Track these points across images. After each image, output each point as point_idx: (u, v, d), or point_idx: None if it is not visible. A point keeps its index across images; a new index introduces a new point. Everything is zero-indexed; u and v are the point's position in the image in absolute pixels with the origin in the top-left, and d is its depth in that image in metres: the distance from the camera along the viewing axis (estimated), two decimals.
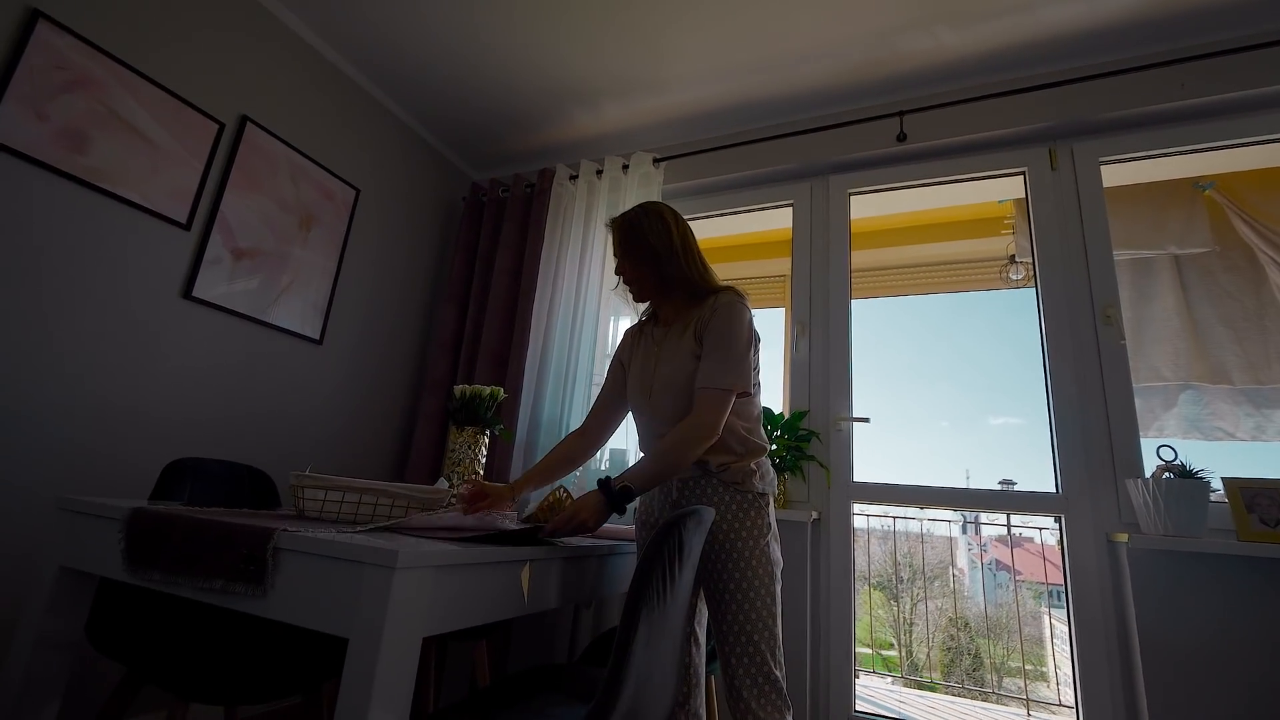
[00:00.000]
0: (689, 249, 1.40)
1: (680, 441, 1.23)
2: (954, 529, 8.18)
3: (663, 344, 1.41)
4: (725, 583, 1.24)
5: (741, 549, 1.25)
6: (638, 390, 1.43)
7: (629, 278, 1.42)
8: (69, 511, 1.12)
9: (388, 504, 1.22)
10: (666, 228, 1.39)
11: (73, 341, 1.69)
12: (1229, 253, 2.17)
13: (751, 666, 1.19)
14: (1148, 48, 2.05)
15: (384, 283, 2.70)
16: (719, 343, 1.29)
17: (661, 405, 1.36)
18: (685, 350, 1.34)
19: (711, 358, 1.28)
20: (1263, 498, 1.57)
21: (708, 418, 1.23)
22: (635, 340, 1.52)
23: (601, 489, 1.19)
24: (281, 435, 2.23)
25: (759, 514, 1.28)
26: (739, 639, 1.20)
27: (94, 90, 1.73)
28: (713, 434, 1.23)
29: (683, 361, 1.33)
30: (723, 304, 1.33)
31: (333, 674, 1.31)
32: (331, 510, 1.18)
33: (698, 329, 1.33)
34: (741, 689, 1.18)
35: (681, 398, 1.32)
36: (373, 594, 0.80)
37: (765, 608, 1.22)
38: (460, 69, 2.47)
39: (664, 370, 1.36)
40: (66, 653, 1.12)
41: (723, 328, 1.29)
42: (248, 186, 2.12)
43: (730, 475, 1.30)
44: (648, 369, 1.42)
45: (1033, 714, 2.91)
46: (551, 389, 2.49)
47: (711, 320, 1.31)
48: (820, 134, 2.44)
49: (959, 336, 19.02)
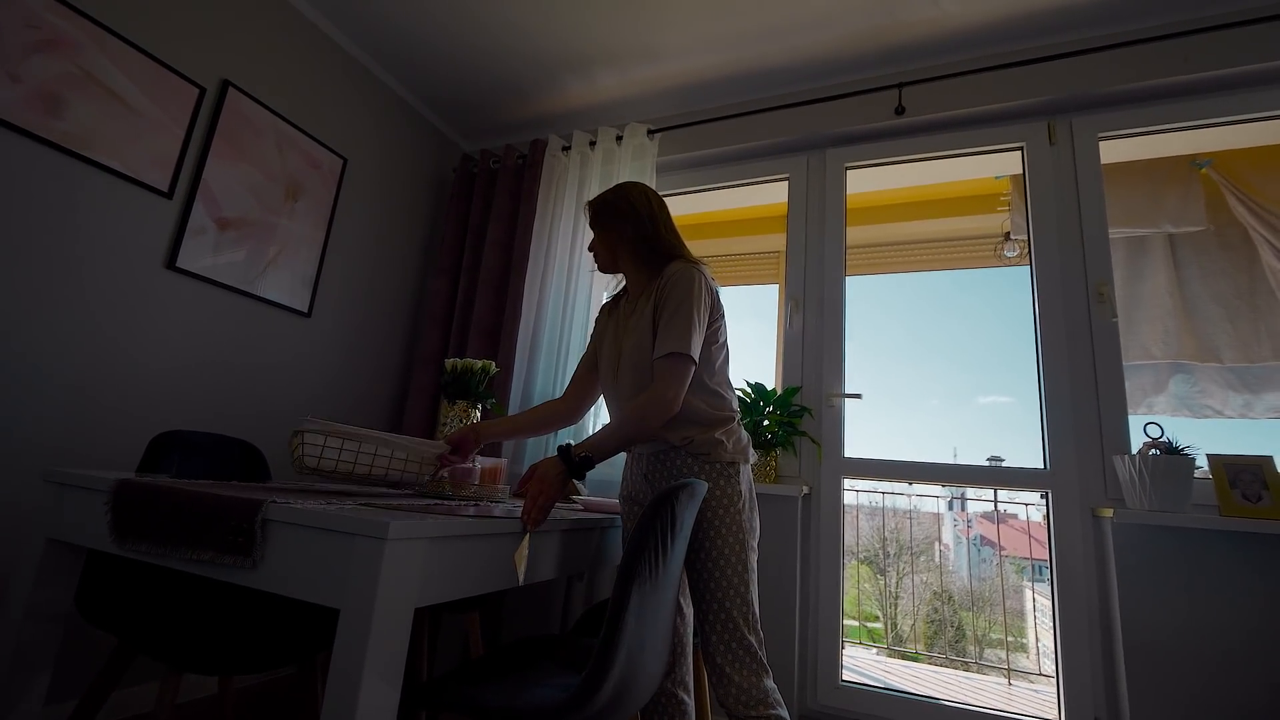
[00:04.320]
0: (655, 217, 1.41)
1: (638, 413, 1.23)
2: (941, 505, 8.31)
3: (627, 319, 1.41)
4: (697, 551, 1.25)
5: (711, 518, 1.26)
6: (606, 369, 1.44)
7: (597, 246, 1.46)
8: (55, 484, 1.11)
9: (386, 455, 1.21)
10: (633, 198, 1.42)
11: (54, 313, 1.66)
12: (1223, 231, 2.16)
13: (725, 633, 1.20)
14: (1151, 20, 2.02)
15: (373, 255, 2.66)
16: (671, 312, 1.28)
17: (625, 383, 1.36)
18: (645, 324, 1.34)
19: (666, 327, 1.27)
20: (1246, 474, 1.60)
21: (664, 390, 1.23)
22: (607, 318, 1.53)
23: (561, 457, 1.20)
24: (270, 408, 2.22)
25: (729, 482, 1.28)
26: (712, 606, 1.22)
27: (68, 51, 1.67)
28: (671, 406, 1.23)
29: (641, 336, 1.33)
30: (672, 272, 1.32)
31: (327, 644, 1.32)
32: (329, 463, 1.17)
33: (656, 301, 1.33)
34: (715, 654, 1.20)
35: (642, 373, 1.32)
36: (364, 565, 0.79)
37: (737, 575, 1.22)
38: (450, 35, 2.40)
39: (626, 345, 1.37)
40: (56, 624, 1.12)
41: (672, 295, 1.29)
42: (232, 154, 2.06)
43: (696, 447, 1.29)
44: (615, 346, 1.43)
45: (1013, 683, 2.99)
46: (544, 363, 2.48)
47: (664, 290, 1.31)
48: (817, 106, 2.40)
49: (953, 314, 19.04)
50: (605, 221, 1.42)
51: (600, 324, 1.55)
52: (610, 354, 1.43)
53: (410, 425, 2.56)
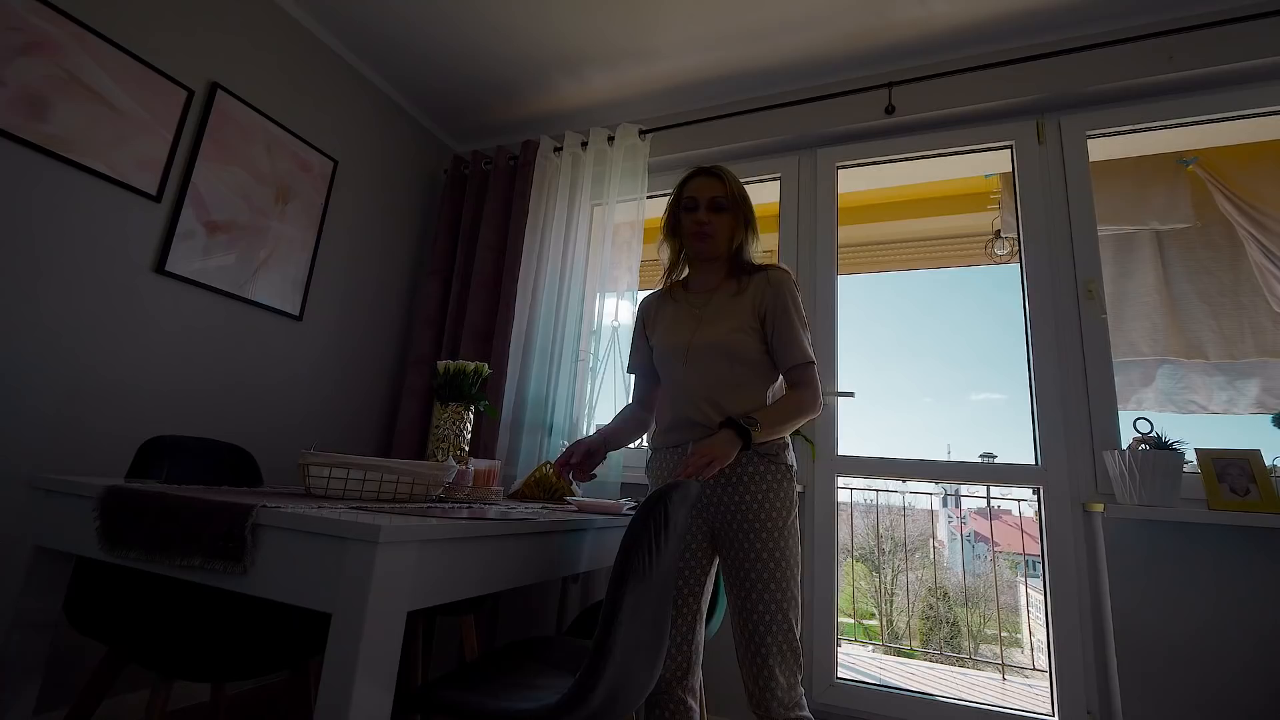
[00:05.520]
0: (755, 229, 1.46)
1: (799, 408, 1.30)
2: (935, 502, 8.35)
3: (704, 309, 1.42)
4: (760, 553, 1.25)
5: (777, 520, 1.27)
6: (670, 352, 1.42)
7: (715, 227, 1.40)
8: (43, 490, 1.10)
9: (393, 481, 1.21)
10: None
11: (41, 318, 1.64)
12: (1209, 228, 2.18)
13: (780, 636, 1.21)
14: (1136, 19, 2.04)
15: (365, 257, 2.64)
16: (793, 319, 1.34)
17: (701, 367, 1.37)
18: (737, 321, 1.36)
19: (793, 336, 1.34)
20: (1233, 468, 1.61)
21: (817, 394, 1.33)
22: (658, 306, 1.53)
23: (739, 433, 1.21)
24: (262, 412, 2.20)
25: (790, 486, 1.31)
26: (770, 609, 1.22)
27: (53, 54, 1.65)
28: (819, 407, 1.33)
29: (731, 331, 1.35)
30: (778, 278, 1.38)
31: (319, 650, 1.31)
32: (337, 488, 1.16)
33: (759, 305, 1.36)
34: (769, 657, 1.20)
35: (723, 363, 1.35)
36: (356, 569, 0.79)
37: (794, 579, 1.25)
38: (441, 36, 2.39)
39: (708, 334, 1.37)
40: (45, 633, 1.11)
41: (788, 302, 1.35)
42: (220, 157, 2.05)
43: (768, 448, 1.31)
44: (681, 332, 1.42)
45: (1007, 678, 3.01)
46: (537, 365, 2.48)
47: (769, 293, 1.36)
48: (808, 105, 2.41)
49: (944, 312, 19.11)
50: (739, 209, 1.42)
51: (648, 314, 1.55)
52: (677, 341, 1.41)
53: (403, 428, 2.55)
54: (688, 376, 1.38)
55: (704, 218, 1.39)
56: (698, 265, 1.48)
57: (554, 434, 2.39)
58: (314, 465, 1.16)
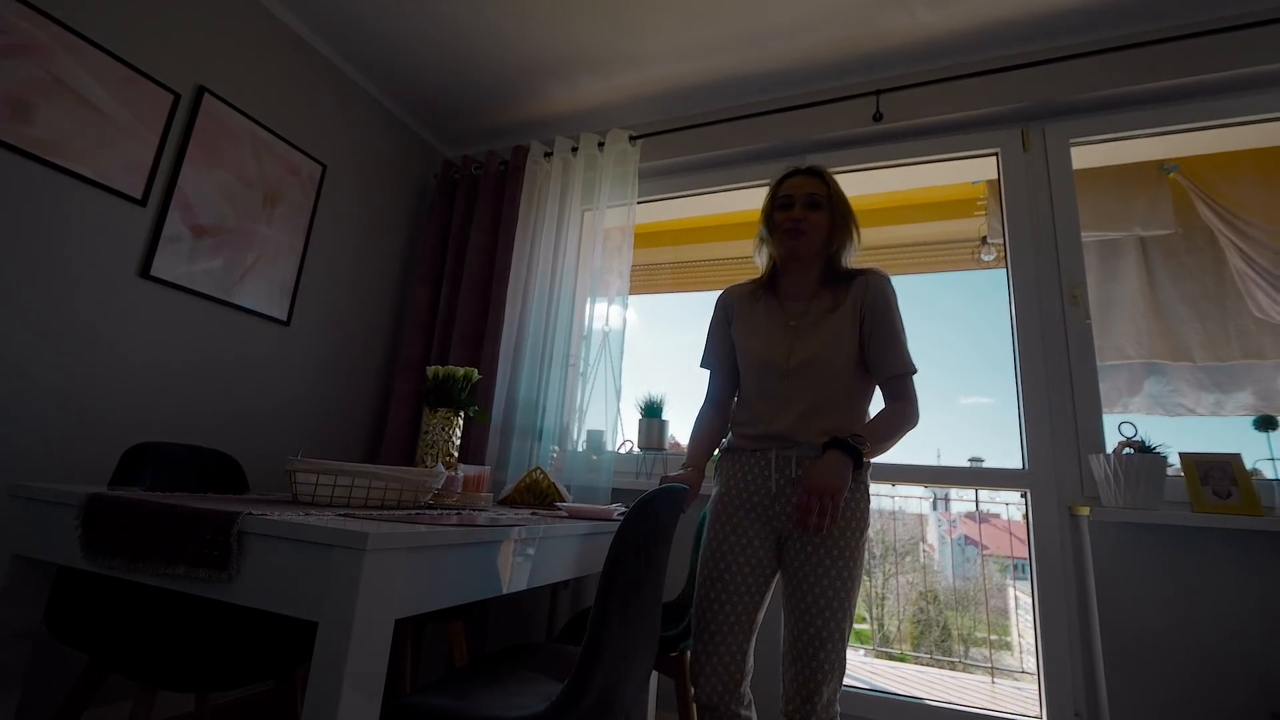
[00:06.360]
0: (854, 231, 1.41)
1: (902, 422, 1.27)
2: (925, 506, 8.39)
3: (801, 319, 1.37)
4: (829, 569, 1.21)
5: (850, 539, 1.23)
6: (764, 364, 1.36)
7: (810, 224, 1.35)
8: (22, 499, 1.08)
9: (381, 487, 1.20)
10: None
11: (24, 322, 1.62)
12: (1191, 234, 2.22)
13: (834, 653, 1.19)
14: (1119, 29, 2.07)
15: (353, 262, 2.63)
16: (895, 328, 1.31)
17: (802, 382, 1.32)
18: (839, 329, 1.32)
19: (895, 345, 1.31)
20: (1216, 471, 1.63)
21: (916, 406, 1.30)
22: (747, 304, 1.47)
23: (848, 453, 1.17)
24: (249, 419, 2.18)
25: (866, 505, 1.27)
26: (828, 625, 1.19)
27: (36, 56, 1.64)
28: (918, 420, 1.30)
29: (833, 338, 1.31)
30: (879, 284, 1.34)
31: (305, 658, 1.30)
32: (324, 495, 1.16)
33: (860, 305, 1.33)
34: (819, 670, 1.18)
35: (827, 372, 1.30)
36: (342, 577, 0.78)
37: (856, 596, 1.22)
38: (431, 41, 2.39)
39: (808, 346, 1.32)
40: (24, 643, 1.09)
41: (890, 309, 1.32)
42: (207, 161, 2.03)
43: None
44: (777, 345, 1.36)
45: (997, 681, 3.03)
46: (528, 370, 2.47)
47: (879, 295, 1.33)
48: (797, 112, 2.43)
49: (933, 316, 19.27)
50: (838, 210, 1.38)
51: (731, 309, 1.49)
52: (773, 353, 1.35)
53: (392, 433, 2.54)
54: (784, 389, 1.32)
55: (799, 214, 1.35)
56: (790, 268, 1.41)
57: (544, 439, 2.38)
58: (301, 472, 1.15)
